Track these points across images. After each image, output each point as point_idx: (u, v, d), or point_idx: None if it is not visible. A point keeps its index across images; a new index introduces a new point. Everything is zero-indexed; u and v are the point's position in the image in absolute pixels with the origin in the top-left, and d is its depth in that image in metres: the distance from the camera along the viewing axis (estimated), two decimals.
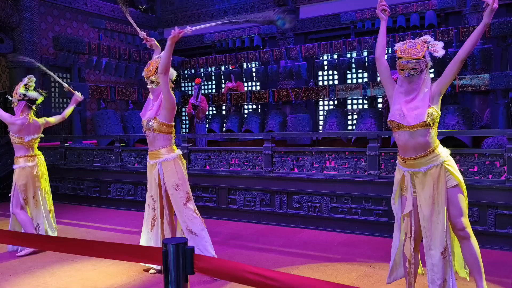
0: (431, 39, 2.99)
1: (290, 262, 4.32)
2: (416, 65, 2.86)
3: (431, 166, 2.93)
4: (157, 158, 3.96)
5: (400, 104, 2.94)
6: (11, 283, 3.85)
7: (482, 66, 8.07)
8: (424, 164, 2.93)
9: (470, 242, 2.98)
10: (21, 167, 4.85)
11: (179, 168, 3.97)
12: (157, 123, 3.89)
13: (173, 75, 4.02)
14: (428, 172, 2.93)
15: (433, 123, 2.91)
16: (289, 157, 5.85)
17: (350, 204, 5.42)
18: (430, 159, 2.93)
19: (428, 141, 2.92)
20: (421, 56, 2.88)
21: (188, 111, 9.82)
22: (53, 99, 11.13)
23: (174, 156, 3.96)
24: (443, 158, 2.95)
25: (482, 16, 9.02)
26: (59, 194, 7.98)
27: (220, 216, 6.30)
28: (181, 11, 13.35)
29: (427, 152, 2.92)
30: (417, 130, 2.89)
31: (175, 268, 1.45)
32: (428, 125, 2.88)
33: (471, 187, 4.68)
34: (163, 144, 3.97)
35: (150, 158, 4.05)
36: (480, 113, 8.16)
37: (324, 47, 9.37)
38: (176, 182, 3.92)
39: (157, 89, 3.93)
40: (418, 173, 2.96)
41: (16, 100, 4.88)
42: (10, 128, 4.88)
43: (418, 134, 2.90)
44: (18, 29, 9.48)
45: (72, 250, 2.06)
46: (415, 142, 2.92)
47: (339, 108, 9.51)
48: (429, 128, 2.90)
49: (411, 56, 2.88)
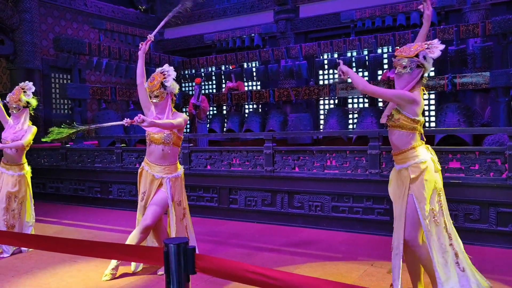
0: (435, 41, 2.95)
1: (291, 261, 4.32)
2: (406, 63, 2.86)
3: (401, 167, 3.00)
4: (166, 174, 3.93)
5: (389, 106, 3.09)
6: (12, 284, 3.86)
7: (483, 64, 8.06)
8: (398, 162, 3.04)
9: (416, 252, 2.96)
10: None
11: (182, 184, 4.09)
12: (176, 137, 3.94)
13: (176, 88, 3.98)
14: (400, 171, 3.03)
15: (398, 126, 2.95)
16: (290, 157, 5.85)
17: (351, 203, 5.42)
18: (402, 158, 3.00)
19: (399, 141, 3.00)
20: (413, 55, 2.86)
21: (189, 111, 9.82)
22: (54, 100, 11.13)
23: (180, 173, 4.05)
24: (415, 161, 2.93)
25: (482, 14, 8.99)
26: (60, 195, 7.99)
27: (221, 216, 6.31)
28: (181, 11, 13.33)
29: (403, 150, 2.99)
30: (390, 129, 3.02)
31: (177, 268, 1.45)
32: (398, 127, 2.94)
33: (472, 185, 4.70)
34: (175, 160, 4.02)
35: (157, 171, 3.93)
36: (481, 111, 8.15)
37: (325, 46, 9.36)
38: (180, 199, 4.05)
39: (161, 104, 3.92)
40: (395, 170, 3.11)
41: (20, 107, 4.86)
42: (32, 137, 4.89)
43: (392, 133, 3.03)
44: (18, 31, 9.49)
45: (74, 250, 2.07)
46: (391, 140, 3.07)
47: (340, 107, 9.51)
48: (400, 130, 2.95)
49: (403, 54, 2.90)
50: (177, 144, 4.02)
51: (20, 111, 4.88)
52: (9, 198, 4.84)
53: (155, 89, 3.89)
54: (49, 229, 5.88)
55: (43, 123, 9.95)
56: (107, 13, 12.28)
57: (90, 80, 11.82)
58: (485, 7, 8.86)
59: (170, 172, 3.96)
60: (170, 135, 3.90)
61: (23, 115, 4.91)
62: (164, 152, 3.92)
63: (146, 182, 3.98)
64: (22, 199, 4.92)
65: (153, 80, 3.93)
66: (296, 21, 11.37)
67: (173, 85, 3.93)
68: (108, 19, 11.41)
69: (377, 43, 8.63)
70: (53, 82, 11.08)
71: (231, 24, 12.06)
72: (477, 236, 4.69)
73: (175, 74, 3.98)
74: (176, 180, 4.00)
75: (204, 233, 5.45)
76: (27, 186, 4.98)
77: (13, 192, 4.85)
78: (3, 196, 4.84)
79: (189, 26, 12.99)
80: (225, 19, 12.48)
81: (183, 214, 4.09)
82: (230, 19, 12.36)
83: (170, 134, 3.90)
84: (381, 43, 8.65)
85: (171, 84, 3.91)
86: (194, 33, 12.80)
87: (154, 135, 3.92)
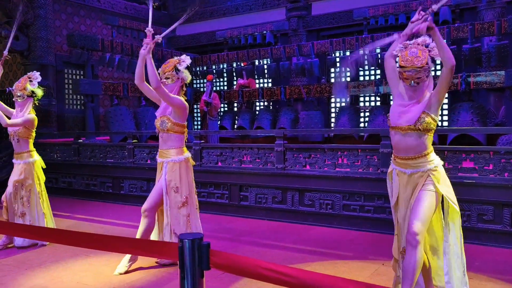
0: (429, 41, 2.87)
1: (301, 259, 4.32)
2: (420, 73, 2.78)
3: (416, 171, 2.87)
4: (165, 158, 4.02)
5: (398, 105, 2.91)
6: (26, 276, 3.91)
7: (498, 63, 7.96)
8: (410, 166, 2.88)
9: (415, 251, 2.78)
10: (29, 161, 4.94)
11: (183, 171, 4.02)
12: (170, 123, 3.95)
13: (188, 77, 4.09)
14: (412, 175, 2.88)
15: (426, 129, 2.82)
16: (301, 154, 5.83)
17: (362, 201, 5.40)
18: (417, 163, 2.86)
19: (418, 145, 2.85)
20: (425, 63, 2.78)
21: (201, 108, 9.85)
22: (67, 95, 11.24)
23: (181, 159, 4.01)
24: (431, 166, 2.86)
25: (498, 12, 8.85)
26: (73, 190, 8.07)
27: (232, 213, 6.32)
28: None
29: (416, 155, 2.86)
30: (408, 133, 2.84)
31: (191, 263, 1.46)
32: (419, 130, 2.81)
33: (486, 185, 4.64)
34: (175, 145, 4.03)
35: (159, 156, 4.10)
36: (495, 111, 8.05)
37: (337, 44, 9.32)
38: (177, 185, 3.97)
39: (170, 86, 3.97)
40: (404, 174, 2.91)
41: (24, 95, 4.86)
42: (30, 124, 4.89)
43: (409, 137, 2.85)
44: (33, 27, 9.58)
45: (89, 244, 2.09)
46: (405, 144, 2.87)
47: (352, 105, 9.46)
48: (421, 133, 2.83)
49: (415, 65, 2.77)
50: (174, 131, 3.98)
51: (24, 100, 4.86)
52: (15, 186, 4.88)
53: (167, 70, 3.99)
54: (62, 223, 5.94)
55: (56, 118, 10.05)
56: (120, 10, 12.34)
57: (102, 76, 11.90)
58: (501, 5, 8.73)
59: (169, 156, 4.00)
60: (165, 122, 3.95)
61: (27, 104, 4.89)
62: (163, 138, 4.02)
63: (158, 170, 4.13)
64: (29, 186, 4.91)
65: (167, 63, 4.07)
66: (308, 18, 11.32)
67: (186, 73, 4.02)
68: (121, 16, 11.47)
69: None
70: (66, 78, 11.18)
71: (243, 21, 12.05)
72: (490, 237, 4.64)
73: (189, 61, 4.07)
74: (174, 164, 3.98)
75: (215, 230, 5.47)
76: (35, 174, 4.95)
77: (19, 180, 4.87)
78: (11, 184, 4.91)
79: (201, 23, 13.01)
80: (237, 16, 12.46)
81: (182, 203, 4.00)
82: (242, 16, 12.35)
83: (166, 120, 3.95)
84: None
85: (184, 71, 4.00)
86: (206, 30, 12.81)
87: (157, 123, 4.04)
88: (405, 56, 2.82)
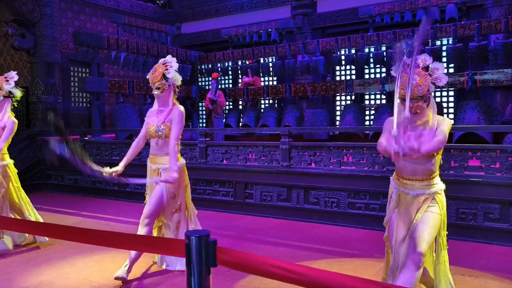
0: (429, 61, 2.72)
1: (307, 257, 4.32)
2: (421, 102, 2.64)
3: (421, 193, 2.76)
4: (161, 164, 3.87)
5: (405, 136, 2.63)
6: (32, 272, 3.94)
7: (505, 60, 7.90)
8: (416, 188, 2.77)
9: (417, 272, 2.67)
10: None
11: (181, 177, 3.93)
12: (168, 129, 3.82)
13: (178, 80, 3.89)
14: (416, 198, 2.76)
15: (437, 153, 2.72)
16: (306, 152, 5.83)
17: (367, 199, 5.39)
18: (424, 185, 2.76)
19: (428, 168, 2.75)
20: (426, 91, 2.62)
21: (206, 106, 9.85)
22: (73, 93, 11.29)
23: (179, 165, 3.87)
24: (436, 189, 2.78)
25: (505, 9, 8.76)
26: (79, 187, 8.12)
27: (237, 210, 6.33)
28: (198, 6, 13.38)
29: (425, 177, 2.76)
30: (419, 158, 2.70)
31: (198, 260, 1.46)
32: (432, 155, 2.71)
33: (493, 183, 4.62)
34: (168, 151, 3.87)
35: (153, 162, 3.95)
36: (501, 109, 8.00)
37: (342, 42, 9.30)
38: (174, 192, 3.90)
39: (163, 96, 3.83)
40: (407, 195, 2.80)
41: (0, 96, 4.62)
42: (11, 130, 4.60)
43: (419, 161, 2.72)
44: (39, 24, 9.61)
45: (95, 241, 2.10)
46: (413, 167, 2.76)
47: (357, 104, 9.43)
48: (432, 157, 2.72)
49: (415, 94, 2.60)
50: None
51: (1, 101, 4.62)
52: None
53: (156, 81, 3.77)
54: (68, 220, 5.98)
55: (62, 115, 10.10)
56: (126, 8, 12.37)
57: (108, 74, 11.94)
58: (508, 2, 8.67)
59: (166, 163, 3.84)
60: (163, 128, 3.82)
61: (5, 105, 4.65)
62: (158, 145, 3.88)
63: (149, 176, 4.01)
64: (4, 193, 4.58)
65: (154, 72, 3.81)
66: (313, 16, 11.29)
67: (175, 77, 3.82)
68: (127, 14, 11.50)
69: (395, 39, 8.53)
70: (72, 75, 11.23)
71: (248, 19, 12.04)
72: (496, 236, 4.62)
73: (177, 65, 3.87)
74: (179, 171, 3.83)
75: (220, 228, 5.49)
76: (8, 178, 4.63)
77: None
78: None
79: (206, 20, 13.02)
80: (242, 14, 12.46)
81: (175, 210, 3.95)
82: (247, 14, 12.34)
83: (163, 127, 3.82)
84: (400, 39, 8.54)
85: (173, 75, 3.79)
86: (211, 28, 12.82)
87: (151, 128, 3.88)
88: (404, 83, 2.57)
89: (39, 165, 8.46)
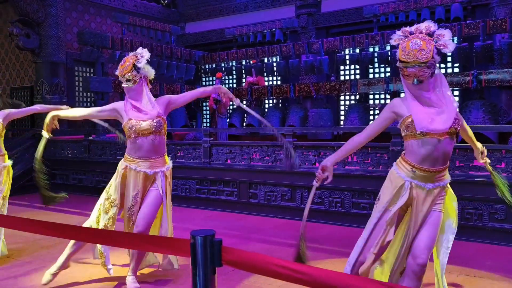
0: (434, 28, 2.42)
1: (312, 257, 4.28)
2: (424, 70, 2.33)
3: (437, 186, 2.49)
4: (159, 168, 3.51)
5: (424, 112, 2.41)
6: (38, 271, 3.95)
7: (510, 60, 7.85)
8: (434, 180, 2.48)
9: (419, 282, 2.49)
10: None
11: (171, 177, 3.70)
12: (164, 122, 3.49)
13: (151, 73, 3.54)
14: (432, 191, 2.48)
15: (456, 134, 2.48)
16: (310, 152, 5.82)
17: (372, 199, 5.37)
18: (441, 176, 2.50)
19: (449, 153, 2.47)
20: (430, 57, 2.32)
21: (210, 105, 9.87)
22: (77, 93, 11.33)
23: (170, 166, 3.63)
24: (448, 180, 2.56)
25: (510, 8, 8.70)
26: (83, 187, 8.14)
27: (241, 210, 6.33)
28: (202, 6, 13.39)
29: (443, 166, 2.48)
30: (445, 139, 2.40)
31: (203, 260, 1.46)
32: (454, 133, 2.43)
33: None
34: (164, 151, 3.59)
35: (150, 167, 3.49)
36: (507, 109, 7.95)
37: (346, 41, 9.27)
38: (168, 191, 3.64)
39: (134, 89, 3.46)
40: (422, 190, 2.49)
41: None
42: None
43: (444, 143, 2.41)
44: (44, 24, 9.66)
45: (99, 240, 2.11)
46: (438, 153, 2.42)
47: (361, 103, 9.41)
48: (453, 138, 2.45)
49: (418, 59, 2.33)
50: (165, 132, 3.58)
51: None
52: None
53: (126, 72, 3.42)
54: (72, 220, 5.99)
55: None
56: (130, 7, 12.40)
57: (112, 74, 11.95)
58: None
59: (163, 164, 3.54)
60: (161, 122, 3.46)
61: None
62: (154, 143, 3.45)
63: (137, 182, 3.50)
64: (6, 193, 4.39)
65: (124, 63, 3.49)
66: (317, 15, 11.28)
67: (147, 69, 3.47)
68: (131, 13, 11.52)
69: None
70: (77, 75, 11.27)
71: (252, 18, 12.04)
72: (502, 236, 4.59)
73: (148, 55, 3.52)
74: (169, 172, 3.60)
75: (225, 227, 5.49)
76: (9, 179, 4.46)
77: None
78: None
79: (210, 20, 13.03)
80: (246, 14, 12.46)
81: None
82: (251, 14, 12.34)
83: (161, 120, 3.47)
84: None
85: (144, 66, 3.44)
86: (215, 28, 12.83)
87: (142, 125, 3.41)
88: (406, 48, 2.37)
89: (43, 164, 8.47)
